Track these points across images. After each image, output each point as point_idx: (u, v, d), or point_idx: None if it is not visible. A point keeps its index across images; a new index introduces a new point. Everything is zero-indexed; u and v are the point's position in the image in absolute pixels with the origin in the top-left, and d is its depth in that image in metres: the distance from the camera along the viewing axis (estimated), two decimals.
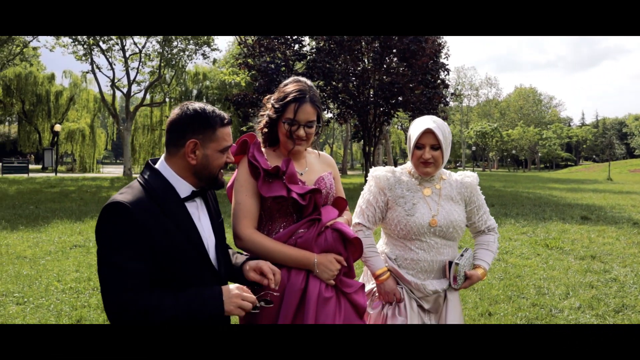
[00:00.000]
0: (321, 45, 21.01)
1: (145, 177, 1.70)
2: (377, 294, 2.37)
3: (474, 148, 67.31)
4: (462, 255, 2.31)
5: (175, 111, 1.72)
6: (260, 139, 2.14)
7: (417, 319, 2.29)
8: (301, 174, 2.12)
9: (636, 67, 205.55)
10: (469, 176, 2.44)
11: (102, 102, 30.02)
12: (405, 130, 60.28)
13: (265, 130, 2.14)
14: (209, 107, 1.73)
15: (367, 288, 2.39)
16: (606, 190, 21.87)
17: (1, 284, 5.60)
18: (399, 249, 2.32)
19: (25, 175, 25.79)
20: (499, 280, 5.88)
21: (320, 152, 2.29)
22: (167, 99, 35.85)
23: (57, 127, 32.51)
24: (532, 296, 5.28)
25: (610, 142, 66.11)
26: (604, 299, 5.17)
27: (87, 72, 29.97)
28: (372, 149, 21.80)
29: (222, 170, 1.79)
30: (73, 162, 43.05)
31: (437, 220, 2.27)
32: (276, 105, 2.08)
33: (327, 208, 2.09)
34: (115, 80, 29.50)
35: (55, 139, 38.55)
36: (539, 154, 77.96)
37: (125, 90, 29.69)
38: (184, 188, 1.72)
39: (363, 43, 20.22)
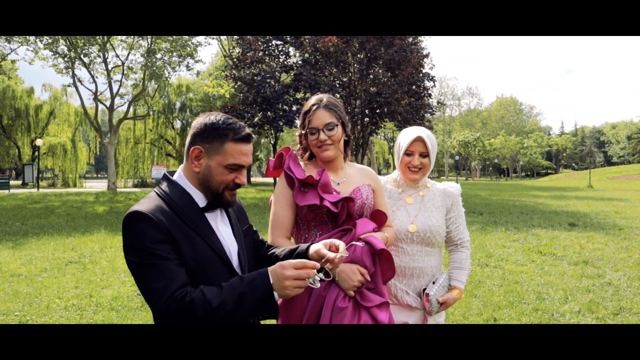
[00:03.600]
0: (306, 57, 21.23)
1: (162, 187, 1.70)
2: None
3: (456, 157, 68.23)
4: (433, 283, 2.40)
5: (198, 119, 1.73)
6: (297, 154, 2.24)
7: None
8: (338, 184, 2.19)
9: (612, 76, 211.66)
10: (452, 186, 2.55)
11: (85, 115, 29.69)
12: (389, 140, 60.85)
13: (299, 145, 2.27)
14: (229, 120, 1.67)
15: None
16: (588, 198, 22.40)
17: (0, 302, 5.53)
18: None
19: (7, 192, 25.31)
20: (498, 287, 6.03)
21: (364, 166, 2.36)
22: (150, 112, 35.64)
23: (38, 142, 31.93)
24: (532, 301, 5.43)
25: (590, 150, 67.68)
26: (602, 302, 5.35)
27: (68, 86, 29.62)
28: (360, 159, 22.00)
29: (230, 191, 1.70)
30: (54, 177, 42.37)
31: (416, 225, 2.37)
32: (299, 121, 2.24)
33: (363, 220, 2.12)
34: (98, 94, 29.21)
35: (36, 154, 37.94)
36: (520, 163, 79.31)
37: (108, 103, 29.44)
38: (200, 198, 1.70)
39: (349, 54, 20.49)
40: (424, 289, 2.38)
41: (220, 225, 1.76)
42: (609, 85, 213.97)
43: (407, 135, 2.42)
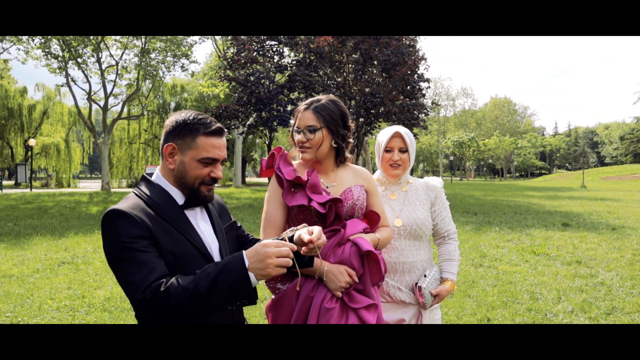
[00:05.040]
0: (300, 57, 21.17)
1: (141, 188, 1.70)
2: None
3: (451, 158, 68.40)
4: (425, 276, 2.40)
5: (170, 117, 1.74)
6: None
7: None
8: (327, 187, 2.16)
9: (605, 77, 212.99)
10: (434, 180, 2.60)
11: (79, 115, 29.45)
12: None
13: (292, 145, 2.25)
14: (200, 116, 1.68)
15: None
16: (582, 198, 22.51)
17: None
18: None
19: None
20: (492, 287, 6.04)
21: (359, 167, 2.33)
22: (144, 112, 35.46)
23: (31, 142, 31.71)
24: (526, 301, 5.44)
25: (583, 151, 68.09)
26: (595, 302, 5.37)
27: (61, 85, 29.39)
28: (355, 160, 22.01)
29: (207, 185, 1.70)
30: (48, 177, 42.10)
31: (401, 219, 2.39)
32: (292, 120, 2.22)
33: (353, 221, 2.11)
34: (92, 93, 28.99)
35: (29, 154, 37.70)
36: (515, 163, 79.63)
37: (102, 103, 29.24)
38: (178, 196, 1.70)
39: (344, 54, 20.47)
40: (416, 283, 2.39)
41: (201, 223, 1.76)
42: (602, 86, 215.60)
43: (385, 133, 2.48)
